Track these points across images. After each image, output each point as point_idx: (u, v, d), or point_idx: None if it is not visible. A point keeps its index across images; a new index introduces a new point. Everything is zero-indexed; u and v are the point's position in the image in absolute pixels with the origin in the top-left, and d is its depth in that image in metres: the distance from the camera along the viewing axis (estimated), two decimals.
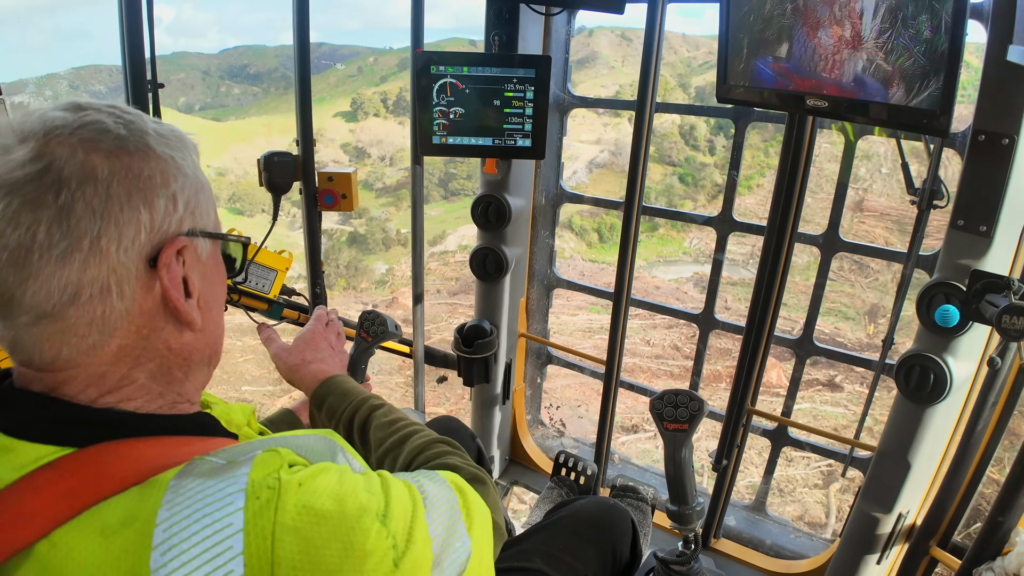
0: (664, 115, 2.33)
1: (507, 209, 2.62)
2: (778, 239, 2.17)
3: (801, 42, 1.70)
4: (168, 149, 0.80)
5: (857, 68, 1.59)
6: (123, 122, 0.77)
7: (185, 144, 0.84)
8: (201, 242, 0.83)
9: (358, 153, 37.42)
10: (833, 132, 2.45)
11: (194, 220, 0.82)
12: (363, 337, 1.92)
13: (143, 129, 0.79)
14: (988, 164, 1.66)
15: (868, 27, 1.54)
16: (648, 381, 13.55)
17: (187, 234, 0.80)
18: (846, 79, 1.62)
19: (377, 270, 28.45)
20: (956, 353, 1.84)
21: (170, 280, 0.78)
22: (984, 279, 1.54)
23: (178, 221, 0.79)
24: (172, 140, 0.81)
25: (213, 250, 0.87)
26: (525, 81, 2.27)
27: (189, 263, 0.81)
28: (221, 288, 0.90)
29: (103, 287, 0.73)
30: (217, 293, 0.89)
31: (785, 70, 1.76)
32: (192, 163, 0.84)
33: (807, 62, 1.70)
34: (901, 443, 1.99)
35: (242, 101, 42.53)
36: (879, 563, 2.16)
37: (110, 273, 0.73)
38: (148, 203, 0.76)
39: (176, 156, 0.81)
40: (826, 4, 1.62)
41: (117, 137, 0.75)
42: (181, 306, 0.80)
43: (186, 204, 0.80)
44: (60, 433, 0.73)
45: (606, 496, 1.82)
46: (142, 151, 0.77)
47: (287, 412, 1.70)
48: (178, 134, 0.84)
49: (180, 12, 77.03)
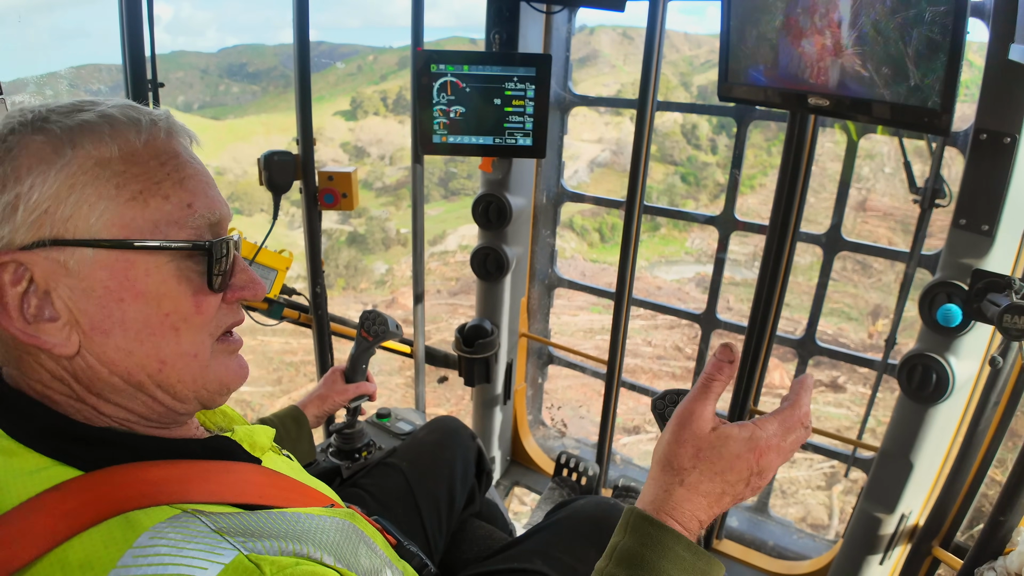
0: (666, 114, 2.33)
1: (508, 208, 2.61)
2: (780, 238, 2.16)
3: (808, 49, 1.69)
4: (36, 145, 0.71)
5: (855, 65, 1.59)
6: (12, 124, 0.72)
7: (79, 131, 0.72)
8: (70, 252, 0.71)
9: (358, 152, 37.40)
10: (836, 131, 2.45)
11: (46, 226, 0.70)
12: (364, 337, 1.92)
13: (20, 131, 0.72)
14: (990, 163, 1.66)
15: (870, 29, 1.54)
16: (650, 382, 13.56)
17: (32, 245, 0.69)
18: (844, 77, 1.62)
19: (377, 270, 28.43)
20: (958, 353, 1.83)
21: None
22: (986, 278, 1.53)
23: (12, 230, 0.69)
24: (53, 134, 0.71)
25: (120, 257, 0.72)
26: (526, 79, 2.27)
27: (47, 279, 0.71)
28: (147, 307, 0.74)
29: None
30: (130, 313, 0.73)
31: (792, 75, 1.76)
32: (80, 152, 0.72)
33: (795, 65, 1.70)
34: (903, 443, 1.99)
35: (241, 100, 42.55)
36: (881, 564, 2.16)
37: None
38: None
39: (41, 150, 0.71)
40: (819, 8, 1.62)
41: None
42: (10, 329, 0.70)
43: (33, 207, 0.69)
44: (61, 448, 0.71)
45: (606, 496, 1.81)
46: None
47: (294, 408, 1.71)
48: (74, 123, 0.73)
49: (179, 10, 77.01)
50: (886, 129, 2.16)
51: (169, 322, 0.76)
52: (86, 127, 0.72)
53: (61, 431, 0.72)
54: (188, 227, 0.76)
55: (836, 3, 1.58)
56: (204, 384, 0.80)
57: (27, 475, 0.69)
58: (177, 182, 0.76)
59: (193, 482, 0.73)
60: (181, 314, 0.76)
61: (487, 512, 1.89)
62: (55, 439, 0.72)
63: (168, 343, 0.76)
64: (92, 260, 0.71)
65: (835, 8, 1.59)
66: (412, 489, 1.63)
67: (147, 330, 0.75)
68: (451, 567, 1.65)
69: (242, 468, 0.81)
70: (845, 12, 1.56)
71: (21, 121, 0.72)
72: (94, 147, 0.72)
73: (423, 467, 1.69)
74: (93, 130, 0.73)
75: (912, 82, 1.48)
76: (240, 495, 0.76)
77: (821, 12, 1.61)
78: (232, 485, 0.77)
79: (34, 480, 0.68)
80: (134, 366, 0.75)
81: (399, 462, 1.70)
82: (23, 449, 0.70)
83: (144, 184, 0.74)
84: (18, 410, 0.73)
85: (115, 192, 0.72)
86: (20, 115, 0.73)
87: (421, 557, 1.26)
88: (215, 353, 0.81)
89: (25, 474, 0.69)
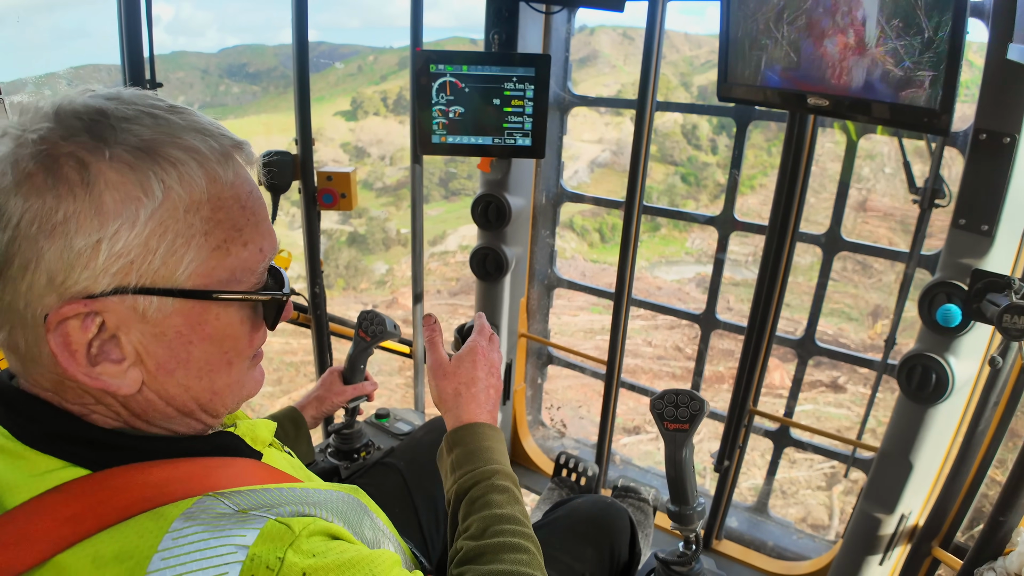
0: (666, 115, 2.33)
1: (507, 209, 2.61)
2: (779, 238, 2.16)
3: (808, 51, 1.69)
4: (119, 175, 0.65)
5: (863, 73, 1.59)
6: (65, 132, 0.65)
7: (168, 163, 0.67)
8: (149, 300, 0.68)
9: (358, 152, 37.40)
10: (836, 132, 2.44)
11: (132, 275, 0.67)
12: (362, 337, 1.92)
13: (90, 146, 0.65)
14: (989, 163, 1.65)
15: (872, 32, 1.53)
16: (649, 382, 13.54)
17: (112, 292, 0.66)
18: (854, 84, 1.61)
19: (377, 270, 28.42)
20: (958, 353, 1.83)
21: (59, 346, 0.66)
22: (985, 278, 1.53)
23: (91, 278, 0.65)
24: (140, 161, 0.66)
25: (196, 306, 0.71)
26: (525, 80, 2.26)
27: (119, 325, 0.68)
28: (211, 348, 0.75)
29: (11, 325, 0.68)
30: (196, 354, 0.74)
31: (792, 77, 1.76)
32: (171, 193, 0.67)
33: (813, 69, 1.70)
34: (903, 443, 1.99)
35: (241, 100, 42.55)
36: (881, 564, 2.15)
37: (12, 313, 0.67)
38: (56, 250, 0.64)
39: (129, 186, 0.65)
40: (828, 12, 1.61)
41: (44, 159, 0.64)
42: (75, 375, 0.68)
43: (118, 255, 0.65)
44: (70, 451, 0.70)
45: (605, 495, 1.81)
46: (65, 182, 0.63)
47: (291, 409, 1.70)
48: (160, 148, 0.67)
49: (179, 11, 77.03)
50: (886, 129, 2.16)
51: (226, 358, 0.77)
52: (174, 160, 0.68)
53: (71, 434, 0.72)
54: (258, 272, 0.77)
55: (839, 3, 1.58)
56: (238, 401, 0.83)
57: (37, 477, 0.68)
58: (254, 226, 0.75)
59: (201, 479, 0.73)
60: (237, 350, 0.78)
61: None
62: (65, 442, 0.71)
63: (222, 376, 0.78)
64: (171, 308, 0.70)
65: (839, 7, 1.59)
66: (409, 489, 1.63)
67: (207, 367, 0.75)
68: (447, 568, 1.64)
69: (244, 464, 0.81)
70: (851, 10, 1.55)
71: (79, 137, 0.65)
72: (184, 189, 0.68)
73: (421, 467, 1.69)
74: (181, 165, 0.68)
75: (913, 81, 1.48)
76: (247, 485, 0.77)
77: (823, 11, 1.61)
78: (236, 480, 0.77)
79: (45, 482, 0.68)
80: (190, 399, 0.76)
81: (396, 462, 1.70)
82: (31, 452, 0.70)
83: (228, 233, 0.72)
84: (26, 414, 0.72)
85: (203, 241, 0.70)
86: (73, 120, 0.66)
87: (417, 556, 1.26)
88: (248, 370, 0.83)
89: (35, 476, 0.68)
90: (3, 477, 0.69)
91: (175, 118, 0.70)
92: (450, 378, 1.22)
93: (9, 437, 0.71)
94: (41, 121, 0.66)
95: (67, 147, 0.65)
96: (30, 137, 0.65)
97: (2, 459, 0.70)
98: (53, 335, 0.65)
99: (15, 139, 0.65)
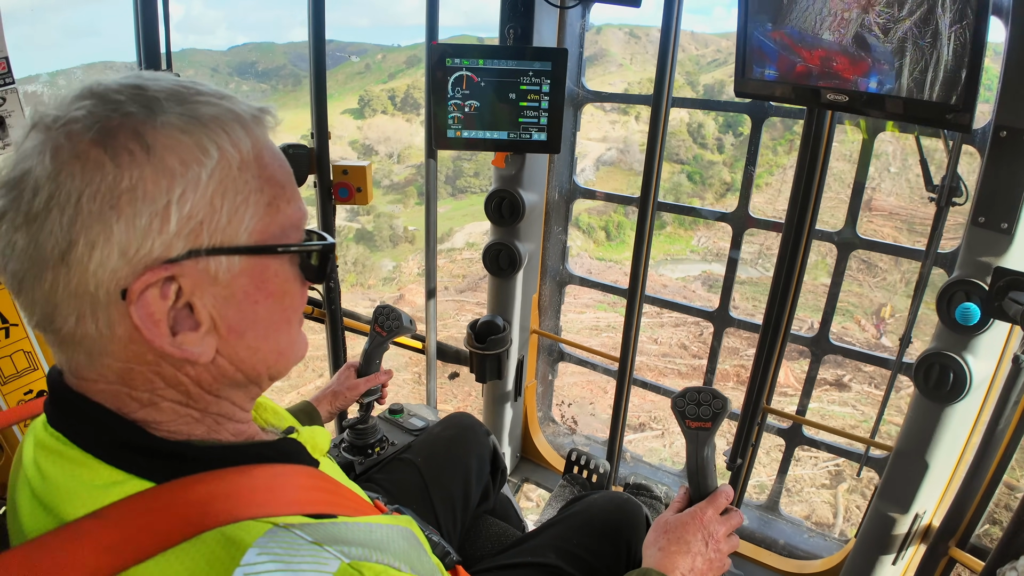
0: (672, 113, 2.31)
1: (521, 204, 2.60)
2: (796, 236, 2.15)
3: (825, 46, 1.68)
4: (175, 140, 0.65)
5: (881, 68, 1.58)
6: (113, 107, 0.65)
7: (215, 126, 0.68)
8: (219, 261, 0.69)
9: (366, 150, 37.49)
10: (847, 130, 2.43)
11: (203, 235, 0.67)
12: (378, 332, 1.92)
13: (140, 116, 0.65)
14: (1009, 160, 1.65)
15: (891, 27, 1.53)
16: (656, 379, 13.52)
17: (187, 256, 0.66)
18: (872, 80, 1.61)
19: (384, 267, 28.49)
20: (976, 351, 1.82)
21: (143, 318, 0.65)
22: (1007, 276, 1.52)
23: (165, 244, 0.65)
24: (190, 125, 0.66)
25: (259, 263, 0.72)
26: (541, 74, 2.26)
27: (193, 289, 0.68)
28: (275, 305, 0.75)
29: (78, 313, 0.66)
30: (261, 313, 0.74)
31: (809, 73, 1.74)
32: (225, 153, 0.68)
33: (830, 64, 1.69)
34: (919, 442, 1.98)
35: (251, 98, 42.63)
36: (895, 563, 2.15)
37: (80, 298, 0.65)
38: (126, 220, 0.63)
39: (187, 148, 0.66)
40: (846, 7, 1.61)
41: (97, 134, 0.63)
42: (161, 346, 0.67)
43: (188, 217, 0.65)
44: (133, 461, 0.68)
45: (619, 491, 1.80)
46: (125, 151, 0.63)
47: (307, 404, 1.71)
48: (204, 113, 0.68)
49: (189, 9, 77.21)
50: (898, 126, 2.15)
51: (286, 316, 0.78)
52: (221, 122, 0.69)
53: (136, 444, 0.69)
54: (301, 228, 0.78)
55: None
56: (295, 361, 0.84)
57: (99, 488, 0.66)
58: (291, 184, 0.77)
59: (263, 491, 0.71)
60: (294, 307, 0.79)
61: (500, 509, 1.89)
62: (129, 451, 0.69)
63: (284, 334, 0.79)
64: (238, 267, 0.70)
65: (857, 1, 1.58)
66: (427, 485, 1.63)
67: (272, 326, 0.76)
68: (465, 562, 1.64)
69: (305, 472, 0.80)
70: (869, 5, 1.55)
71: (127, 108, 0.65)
72: (234, 148, 0.69)
73: (438, 463, 1.68)
74: (227, 127, 0.69)
75: (933, 77, 1.48)
76: (309, 504, 0.74)
77: (841, 6, 1.61)
78: (299, 492, 0.76)
79: (108, 495, 0.65)
80: (259, 361, 0.77)
81: (414, 458, 1.70)
82: (92, 460, 0.67)
83: (276, 190, 0.73)
84: (90, 420, 0.70)
85: (258, 198, 0.71)
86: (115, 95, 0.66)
87: (444, 546, 1.26)
88: (300, 332, 0.84)
89: (97, 487, 0.66)
90: (62, 485, 0.67)
91: (204, 89, 0.72)
92: (657, 527, 1.30)
93: (67, 443, 0.69)
94: (79, 101, 0.66)
95: (117, 119, 0.64)
96: (75, 114, 0.64)
97: (61, 465, 0.68)
98: (136, 307, 0.65)
99: (47, 127, 0.64)
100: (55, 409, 0.72)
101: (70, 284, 0.64)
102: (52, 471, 0.68)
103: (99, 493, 0.65)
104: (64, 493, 0.66)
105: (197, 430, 0.75)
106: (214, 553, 0.62)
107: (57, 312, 0.66)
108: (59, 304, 0.65)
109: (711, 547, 1.24)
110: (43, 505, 0.67)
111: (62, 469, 0.68)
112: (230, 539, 0.63)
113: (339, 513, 0.77)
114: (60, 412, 0.72)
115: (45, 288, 0.65)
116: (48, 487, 0.68)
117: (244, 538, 0.63)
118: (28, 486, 0.70)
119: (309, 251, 0.77)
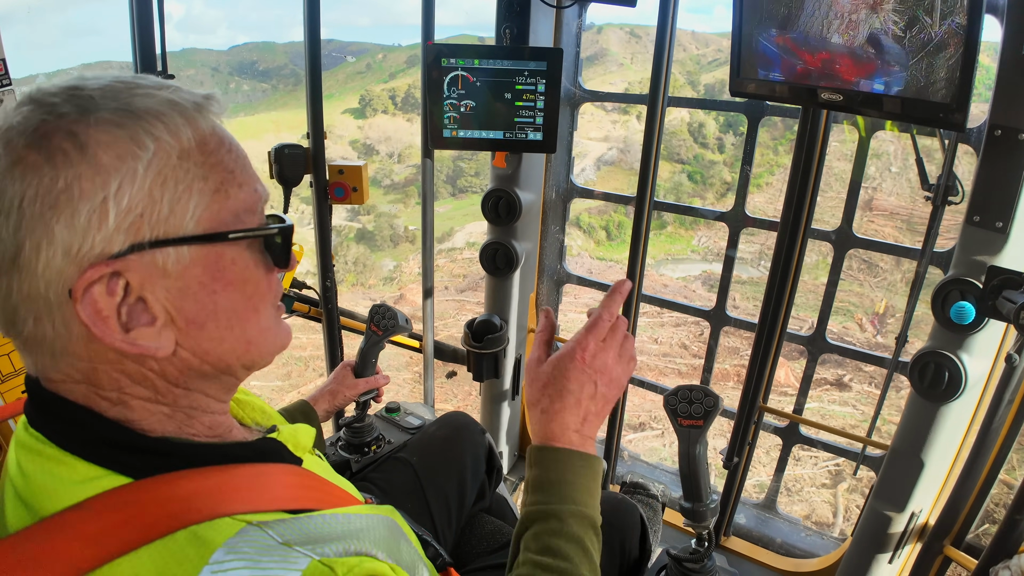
0: (673, 113, 2.31)
1: (517, 203, 2.60)
2: (791, 235, 2.15)
3: (820, 45, 1.68)
4: (110, 135, 0.66)
5: (875, 67, 1.58)
6: (47, 110, 0.66)
7: (150, 117, 0.68)
8: (166, 253, 0.68)
9: (366, 150, 37.52)
10: (845, 129, 2.43)
11: (144, 228, 0.67)
12: (373, 331, 1.92)
13: (73, 116, 0.65)
14: (1005, 159, 1.64)
15: (886, 26, 1.53)
16: (655, 379, 13.52)
17: (129, 250, 0.66)
18: (867, 79, 1.61)
19: (385, 267, 28.49)
20: (971, 350, 1.82)
21: (90, 315, 0.66)
22: (1001, 275, 1.52)
23: (105, 239, 0.65)
24: (124, 119, 0.67)
25: (212, 251, 0.72)
26: (537, 74, 2.26)
27: (143, 283, 0.68)
28: (236, 294, 0.75)
29: (35, 315, 0.67)
30: (222, 303, 0.74)
31: (805, 72, 1.75)
32: (162, 143, 0.68)
33: (825, 64, 1.69)
34: (915, 441, 1.98)
35: (251, 98, 42.74)
36: (891, 562, 2.15)
37: (35, 301, 0.66)
38: (65, 220, 0.64)
39: (121, 143, 0.66)
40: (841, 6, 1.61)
41: (31, 138, 0.64)
42: (113, 343, 0.67)
43: (127, 211, 0.65)
44: (111, 457, 0.69)
45: (614, 491, 1.80)
46: (60, 152, 0.64)
47: (303, 403, 1.70)
48: (139, 106, 0.68)
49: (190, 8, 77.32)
50: (895, 125, 2.15)
51: (251, 304, 0.77)
52: (156, 114, 0.69)
53: (114, 440, 0.70)
54: (258, 212, 0.77)
55: None
56: (273, 351, 0.83)
57: (77, 484, 0.67)
58: (243, 168, 0.76)
59: (245, 490, 0.72)
60: (260, 295, 0.78)
61: (496, 507, 1.89)
62: (107, 448, 0.70)
63: (252, 324, 0.78)
64: (188, 258, 0.70)
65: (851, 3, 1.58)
66: (422, 483, 1.63)
67: (236, 316, 0.75)
68: (460, 561, 1.64)
69: (288, 471, 0.80)
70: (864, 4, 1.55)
71: (61, 110, 0.66)
72: (172, 138, 0.69)
73: (433, 462, 1.69)
74: (163, 117, 0.69)
75: (928, 76, 1.48)
76: (291, 501, 0.75)
77: (836, 5, 1.61)
78: (282, 490, 0.76)
79: (85, 490, 0.66)
80: (226, 352, 0.76)
81: (409, 456, 1.70)
82: (69, 457, 0.68)
83: (223, 175, 0.73)
84: (65, 418, 0.71)
85: (203, 186, 0.70)
86: (51, 98, 0.67)
87: (435, 547, 1.26)
88: (276, 321, 0.83)
89: (75, 483, 0.67)
90: (41, 482, 0.68)
91: (143, 82, 0.72)
92: (534, 384, 1.04)
93: (45, 442, 0.70)
94: (19, 108, 0.67)
95: (52, 123, 0.65)
96: (13, 121, 0.65)
97: (40, 464, 0.69)
98: (82, 305, 0.65)
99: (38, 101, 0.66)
100: (33, 409, 0.73)
101: (23, 288, 0.66)
102: (32, 469, 0.69)
103: (77, 488, 0.67)
104: (43, 490, 0.67)
105: (169, 426, 0.75)
106: (184, 551, 0.63)
107: (17, 316, 0.67)
108: (17, 308, 0.67)
109: (602, 384, 1.03)
110: (24, 503, 0.68)
111: (41, 467, 0.69)
112: (200, 538, 0.64)
113: (323, 508, 0.78)
114: (37, 412, 0.73)
115: (2, 293, 0.66)
116: (29, 485, 0.69)
117: (214, 537, 0.64)
118: (12, 486, 0.71)
119: (266, 235, 0.76)
